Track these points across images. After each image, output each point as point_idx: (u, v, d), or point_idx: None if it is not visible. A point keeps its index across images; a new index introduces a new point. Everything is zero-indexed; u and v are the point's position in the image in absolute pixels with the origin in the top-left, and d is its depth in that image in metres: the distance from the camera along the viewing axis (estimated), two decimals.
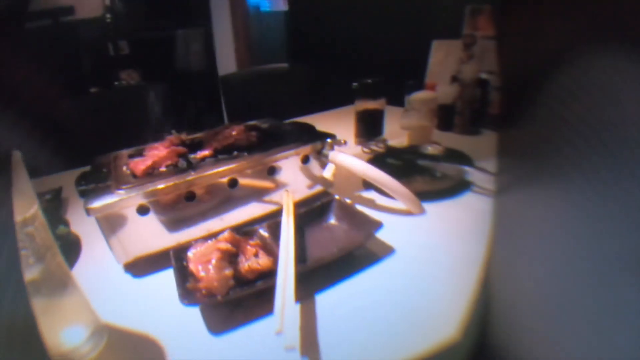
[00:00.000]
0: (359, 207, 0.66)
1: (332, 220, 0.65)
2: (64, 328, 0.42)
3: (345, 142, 0.72)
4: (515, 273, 0.23)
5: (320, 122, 0.82)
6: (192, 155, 0.67)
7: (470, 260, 0.53)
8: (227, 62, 3.05)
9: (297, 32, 2.96)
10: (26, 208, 0.36)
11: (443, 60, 1.29)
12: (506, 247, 0.24)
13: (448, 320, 0.46)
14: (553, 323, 0.18)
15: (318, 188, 0.75)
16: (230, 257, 0.52)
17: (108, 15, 2.62)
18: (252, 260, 0.52)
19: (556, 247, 0.18)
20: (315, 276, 0.54)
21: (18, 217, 0.34)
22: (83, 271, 0.62)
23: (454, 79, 1.15)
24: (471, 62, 1.11)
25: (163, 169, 0.63)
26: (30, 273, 0.36)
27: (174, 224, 0.61)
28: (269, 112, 0.94)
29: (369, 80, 1.09)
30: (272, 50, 3.26)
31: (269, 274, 0.51)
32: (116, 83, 2.79)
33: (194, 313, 0.50)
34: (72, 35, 2.56)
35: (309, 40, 2.79)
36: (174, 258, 0.55)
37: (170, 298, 0.50)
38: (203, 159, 0.66)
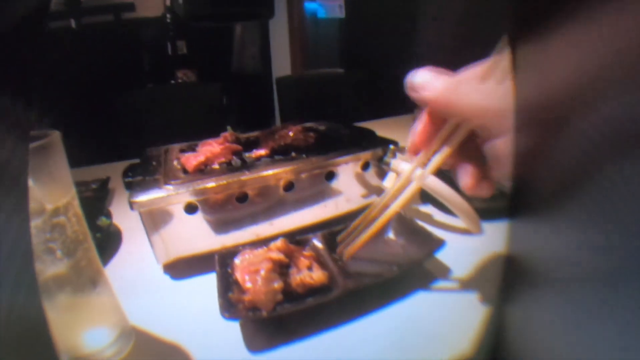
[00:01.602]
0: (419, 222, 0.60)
1: (390, 235, 0.59)
2: (87, 329, 0.38)
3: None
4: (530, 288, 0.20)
5: (376, 129, 0.77)
6: (247, 154, 0.63)
7: None
8: (282, 65, 3.06)
9: (353, 39, 2.94)
10: (59, 196, 0.32)
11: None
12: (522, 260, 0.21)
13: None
14: (569, 340, 0.17)
15: (373, 198, 0.69)
16: (281, 268, 0.47)
17: (168, 15, 2.69)
18: (305, 274, 0.46)
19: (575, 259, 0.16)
20: (370, 294, 0.49)
21: (49, 205, 0.30)
22: (119, 267, 0.59)
23: None
24: None
25: (216, 166, 0.58)
26: (56, 267, 0.32)
27: (221, 226, 0.56)
28: (323, 116, 0.89)
29: None
30: (326, 56, 3.25)
31: (321, 290, 0.46)
32: (172, 82, 2.85)
33: (232, 325, 0.45)
34: (131, 32, 2.64)
35: (365, 47, 2.75)
36: (219, 264, 0.50)
37: (208, 305, 0.46)
38: (258, 158, 0.61)
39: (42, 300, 0.30)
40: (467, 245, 0.59)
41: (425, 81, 0.30)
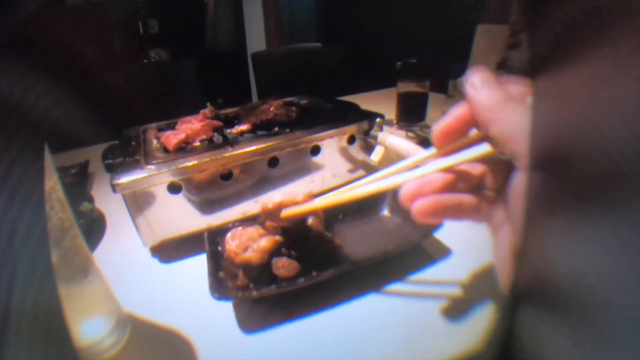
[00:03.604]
0: None
1: (385, 212, 0.58)
2: (83, 320, 0.37)
3: (396, 123, 0.65)
4: (552, 254, 0.19)
5: (358, 103, 0.76)
6: (228, 130, 0.61)
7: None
8: (257, 40, 3.01)
9: (330, 12, 2.89)
10: None
11: (488, 46, 1.20)
12: (544, 220, 0.20)
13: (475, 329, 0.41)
14: (582, 338, 0.16)
15: (360, 172, 0.69)
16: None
17: None
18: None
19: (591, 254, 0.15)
20: (365, 275, 0.48)
21: None
22: (106, 253, 0.58)
23: (500, 66, 1.06)
24: (519, 50, 1.02)
25: (197, 143, 0.57)
26: None
27: (206, 205, 0.55)
28: (302, 92, 0.88)
29: (413, 60, 1.01)
30: (303, 31, 3.20)
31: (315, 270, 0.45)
32: (145, 61, 2.79)
33: (226, 306, 0.45)
34: (102, 13, 2.55)
35: (343, 20, 2.71)
36: (209, 242, 0.49)
37: (199, 287, 0.45)
38: (241, 134, 0.60)
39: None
40: (467, 225, 0.59)
41: (481, 85, 0.27)
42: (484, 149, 0.27)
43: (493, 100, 0.26)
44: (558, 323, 0.17)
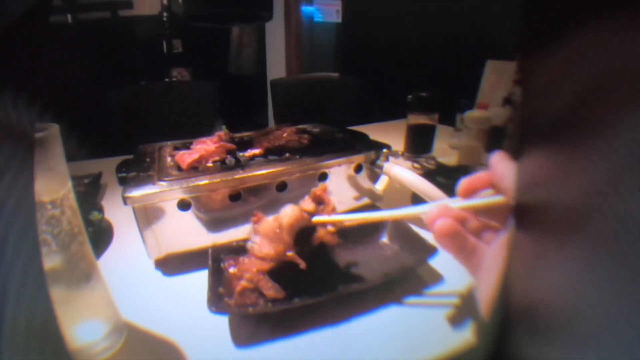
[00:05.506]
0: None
1: (384, 239, 0.60)
2: (80, 322, 0.39)
3: (402, 154, 0.67)
4: (535, 278, 0.19)
5: (369, 133, 0.78)
6: (240, 153, 0.63)
7: None
8: (277, 68, 3.07)
9: (349, 44, 2.95)
10: (56, 189, 0.32)
11: (496, 81, 1.22)
12: (527, 250, 0.21)
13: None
14: (574, 332, 0.16)
15: (365, 200, 0.70)
16: None
17: (165, 14, 2.70)
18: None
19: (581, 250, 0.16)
20: (360, 298, 0.49)
21: (45, 197, 0.30)
22: (111, 262, 0.59)
23: (506, 101, 1.08)
24: None
25: (210, 164, 0.59)
26: (51, 260, 0.33)
27: (213, 224, 0.57)
28: (317, 119, 0.90)
29: (424, 94, 1.03)
30: (322, 60, 3.25)
31: (309, 292, 0.46)
32: (167, 80, 2.85)
33: (221, 321, 0.46)
34: (128, 30, 2.64)
35: (360, 53, 2.77)
36: (212, 258, 0.50)
37: (198, 301, 0.46)
38: (252, 157, 0.62)
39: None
40: None
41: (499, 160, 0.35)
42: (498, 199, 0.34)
43: (509, 173, 0.33)
44: (548, 340, 0.18)
